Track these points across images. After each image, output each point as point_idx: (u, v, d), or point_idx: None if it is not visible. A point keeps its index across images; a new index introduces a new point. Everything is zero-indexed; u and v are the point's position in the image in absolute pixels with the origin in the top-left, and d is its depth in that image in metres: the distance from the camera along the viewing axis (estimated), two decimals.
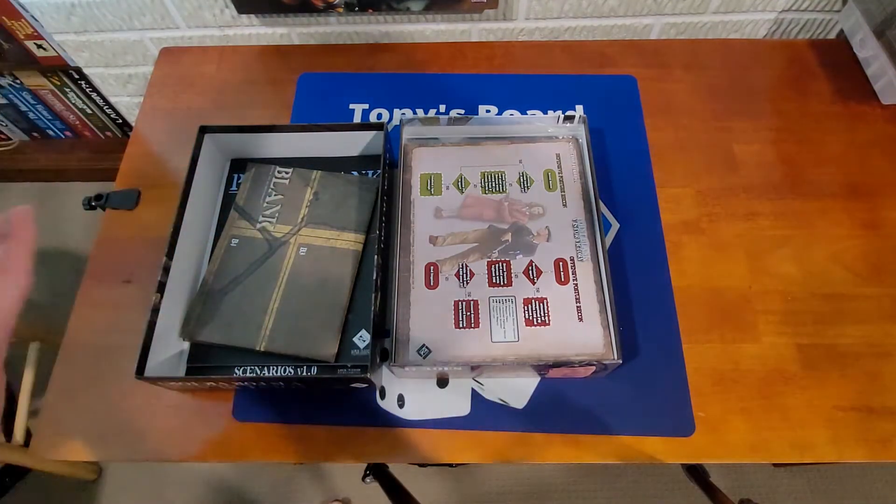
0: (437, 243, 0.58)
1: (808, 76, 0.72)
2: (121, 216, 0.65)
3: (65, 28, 0.80)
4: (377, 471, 0.98)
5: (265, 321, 0.56)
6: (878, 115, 0.69)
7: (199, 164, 0.59)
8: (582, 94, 0.71)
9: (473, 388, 0.55)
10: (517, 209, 0.59)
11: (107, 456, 0.53)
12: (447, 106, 0.71)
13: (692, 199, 0.64)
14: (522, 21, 0.76)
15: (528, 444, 0.52)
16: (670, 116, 0.69)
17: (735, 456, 0.52)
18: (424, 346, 0.53)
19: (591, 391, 0.54)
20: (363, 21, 0.76)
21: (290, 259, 0.59)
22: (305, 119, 0.70)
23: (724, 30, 0.78)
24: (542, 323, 0.53)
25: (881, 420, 0.53)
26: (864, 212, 0.63)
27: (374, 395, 0.54)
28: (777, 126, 0.68)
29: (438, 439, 0.53)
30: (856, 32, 0.72)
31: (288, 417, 0.54)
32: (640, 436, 0.52)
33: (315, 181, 0.63)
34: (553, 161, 0.62)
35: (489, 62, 0.75)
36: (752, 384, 0.54)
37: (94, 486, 1.10)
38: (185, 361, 0.56)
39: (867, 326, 0.57)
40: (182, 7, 0.75)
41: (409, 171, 0.62)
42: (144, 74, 0.89)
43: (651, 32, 0.77)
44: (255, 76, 0.75)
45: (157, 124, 0.72)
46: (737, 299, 0.58)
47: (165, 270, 0.53)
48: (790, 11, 0.75)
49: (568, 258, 0.56)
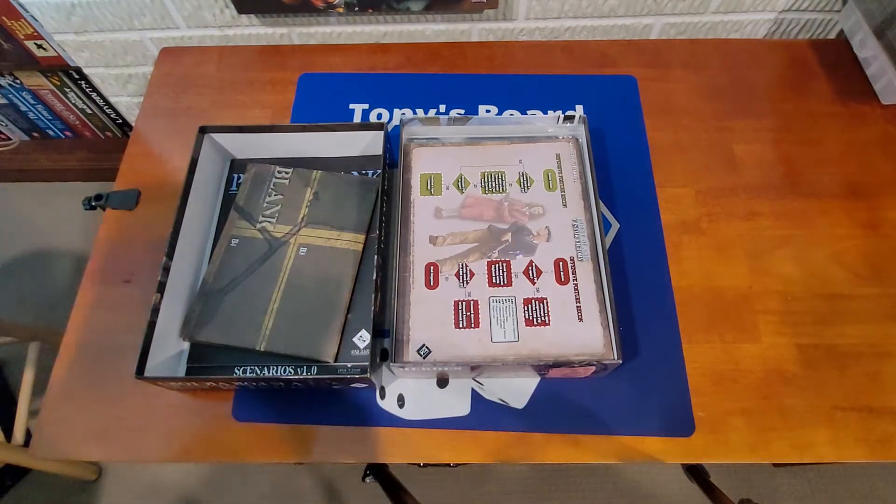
0: (437, 243, 0.58)
1: (808, 76, 0.72)
2: (121, 216, 0.65)
3: (65, 28, 0.80)
4: (377, 471, 0.98)
5: (265, 321, 0.56)
6: (878, 115, 0.69)
7: (199, 164, 0.59)
8: (582, 94, 0.71)
9: (473, 388, 0.55)
10: (517, 209, 0.59)
11: (107, 456, 0.53)
12: (447, 106, 0.71)
13: (692, 199, 0.64)
14: (522, 21, 0.76)
15: (528, 444, 0.52)
16: (670, 116, 0.69)
17: (735, 456, 0.52)
18: (424, 346, 0.53)
19: (591, 391, 0.54)
20: (363, 21, 0.76)
21: (290, 259, 0.59)
22: (305, 119, 0.71)
23: (724, 30, 0.78)
24: (542, 323, 0.53)
25: (881, 420, 0.53)
26: (864, 212, 0.63)
27: (374, 395, 0.54)
28: (777, 126, 0.68)
29: (438, 439, 0.53)
30: (856, 32, 0.72)
31: (288, 417, 0.54)
32: (640, 436, 0.52)
33: (315, 181, 0.63)
34: (553, 161, 0.62)
35: (489, 62, 0.75)
36: (752, 384, 0.54)
37: (94, 486, 1.09)
38: (185, 361, 0.56)
39: (867, 326, 0.57)
40: (182, 7, 0.75)
41: (409, 171, 0.62)
42: (144, 74, 0.89)
43: (651, 32, 0.77)
44: (255, 76, 0.75)
45: (157, 124, 0.72)
46: (737, 299, 0.58)
47: (165, 270, 0.53)
48: (790, 11, 0.75)
49: (568, 258, 0.56)
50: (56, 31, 0.80)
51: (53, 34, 0.81)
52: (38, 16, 0.78)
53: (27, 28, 0.87)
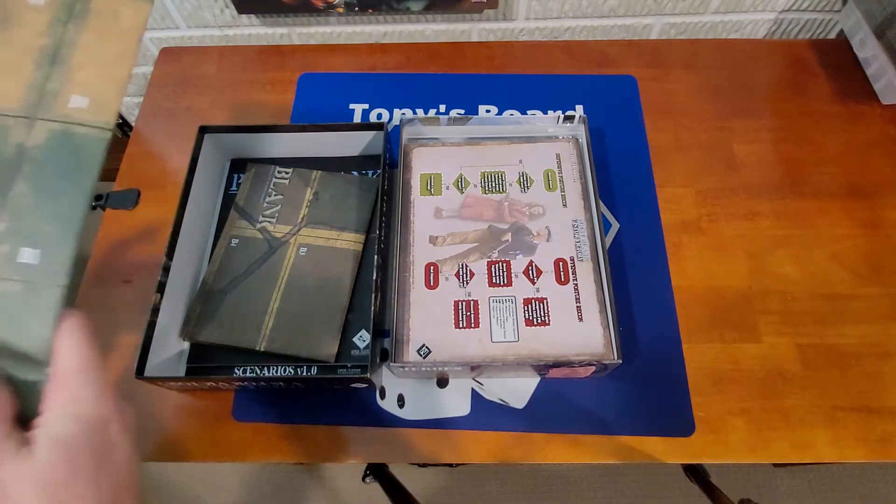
0: (437, 243, 0.58)
1: (808, 76, 0.72)
2: (121, 216, 0.65)
3: None
4: (377, 471, 0.98)
5: (265, 321, 0.56)
6: (878, 115, 0.69)
7: (199, 164, 0.59)
8: (582, 94, 0.71)
9: (473, 388, 0.55)
10: (517, 209, 0.59)
11: None
12: (447, 106, 0.71)
13: (692, 199, 0.64)
14: (522, 21, 0.76)
15: (528, 444, 0.52)
16: (670, 116, 0.69)
17: (735, 456, 0.52)
18: (424, 346, 0.53)
19: (591, 391, 0.54)
20: (363, 21, 0.76)
21: (290, 259, 0.59)
22: (305, 119, 0.70)
23: (724, 30, 0.78)
24: (542, 323, 0.53)
25: (881, 420, 0.53)
26: (864, 212, 0.63)
27: (374, 395, 0.54)
28: (777, 126, 0.68)
29: (438, 439, 0.53)
30: (856, 32, 0.72)
31: (288, 417, 0.54)
32: (640, 436, 0.52)
33: (315, 181, 0.63)
34: (553, 161, 0.62)
35: (489, 62, 0.75)
36: (752, 384, 0.54)
37: None
38: (185, 361, 0.56)
39: (867, 326, 0.57)
40: (182, 7, 0.75)
41: (409, 171, 0.62)
42: (144, 74, 0.88)
43: (651, 32, 0.77)
44: (255, 76, 0.75)
45: (157, 124, 0.72)
46: (737, 299, 0.58)
47: (165, 270, 0.53)
48: (790, 11, 0.75)
49: (568, 258, 0.56)
50: None
51: None
52: None
53: None
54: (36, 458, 0.22)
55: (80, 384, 0.25)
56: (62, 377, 0.24)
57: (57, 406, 0.24)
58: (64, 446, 0.23)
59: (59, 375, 0.24)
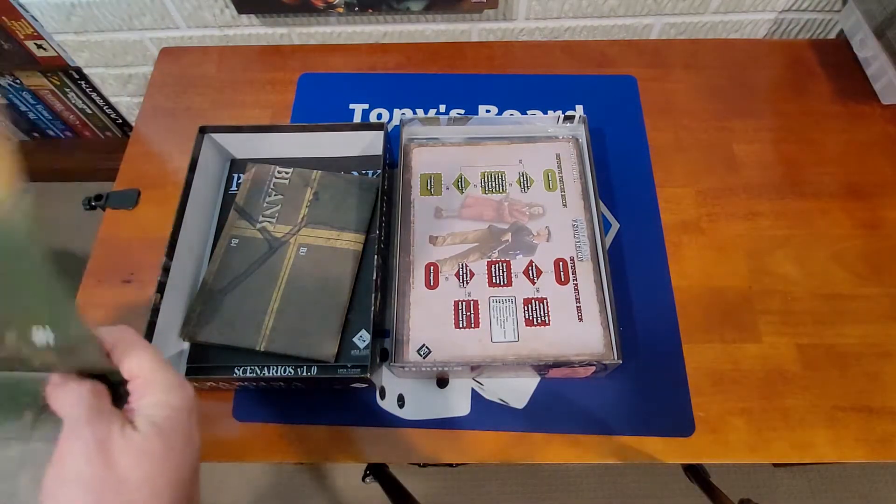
0: (437, 243, 0.58)
1: (808, 76, 0.72)
2: (121, 216, 0.65)
3: (65, 28, 0.80)
4: (377, 471, 0.98)
5: (265, 321, 0.56)
6: (878, 115, 0.69)
7: (198, 164, 0.59)
8: (582, 94, 0.71)
9: (473, 388, 0.55)
10: (517, 209, 0.59)
11: None
12: (447, 106, 0.71)
13: (692, 199, 0.64)
14: (522, 21, 0.76)
15: (528, 444, 0.52)
16: (670, 116, 0.69)
17: (735, 456, 0.52)
18: (424, 346, 0.53)
19: (591, 391, 0.54)
20: (363, 21, 0.76)
21: (290, 259, 0.59)
22: (305, 119, 0.70)
23: (724, 30, 0.78)
24: (542, 323, 0.53)
25: (881, 420, 0.53)
26: (864, 212, 0.63)
27: (374, 395, 0.54)
28: (777, 126, 0.68)
29: (438, 439, 0.53)
30: (856, 32, 0.72)
31: (288, 417, 0.54)
32: (640, 436, 0.52)
33: (315, 181, 0.63)
34: (553, 161, 0.62)
35: (489, 62, 0.75)
36: (752, 384, 0.54)
37: None
38: (185, 361, 0.56)
39: (867, 326, 0.57)
40: (182, 7, 0.75)
41: (409, 171, 0.62)
42: (144, 74, 0.89)
43: (651, 32, 0.77)
44: (255, 76, 0.75)
45: (157, 124, 0.72)
46: (737, 299, 0.58)
47: (165, 270, 0.53)
48: (790, 11, 0.75)
49: (568, 258, 0.56)
50: (56, 31, 0.80)
51: (53, 34, 0.81)
52: (38, 16, 0.78)
53: (27, 28, 0.87)
54: (139, 434, 0.27)
55: (165, 378, 0.29)
56: (148, 374, 0.28)
57: (149, 395, 0.28)
58: (160, 427, 0.27)
59: (144, 373, 0.28)
